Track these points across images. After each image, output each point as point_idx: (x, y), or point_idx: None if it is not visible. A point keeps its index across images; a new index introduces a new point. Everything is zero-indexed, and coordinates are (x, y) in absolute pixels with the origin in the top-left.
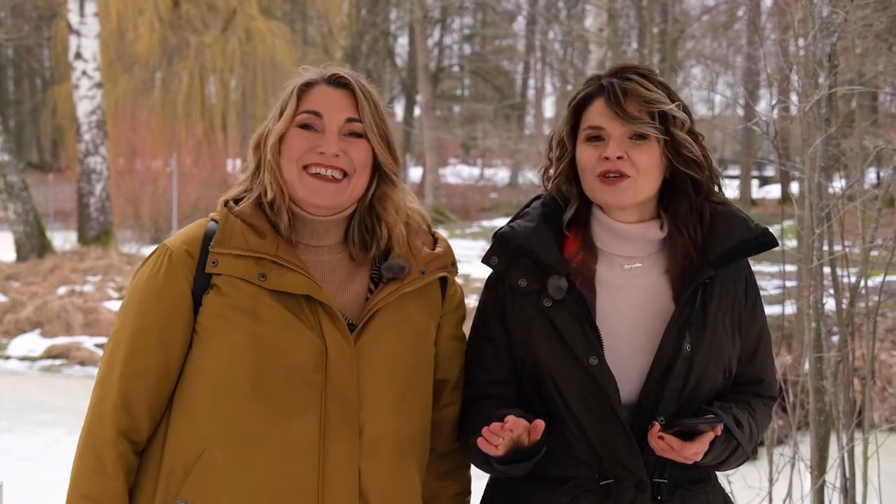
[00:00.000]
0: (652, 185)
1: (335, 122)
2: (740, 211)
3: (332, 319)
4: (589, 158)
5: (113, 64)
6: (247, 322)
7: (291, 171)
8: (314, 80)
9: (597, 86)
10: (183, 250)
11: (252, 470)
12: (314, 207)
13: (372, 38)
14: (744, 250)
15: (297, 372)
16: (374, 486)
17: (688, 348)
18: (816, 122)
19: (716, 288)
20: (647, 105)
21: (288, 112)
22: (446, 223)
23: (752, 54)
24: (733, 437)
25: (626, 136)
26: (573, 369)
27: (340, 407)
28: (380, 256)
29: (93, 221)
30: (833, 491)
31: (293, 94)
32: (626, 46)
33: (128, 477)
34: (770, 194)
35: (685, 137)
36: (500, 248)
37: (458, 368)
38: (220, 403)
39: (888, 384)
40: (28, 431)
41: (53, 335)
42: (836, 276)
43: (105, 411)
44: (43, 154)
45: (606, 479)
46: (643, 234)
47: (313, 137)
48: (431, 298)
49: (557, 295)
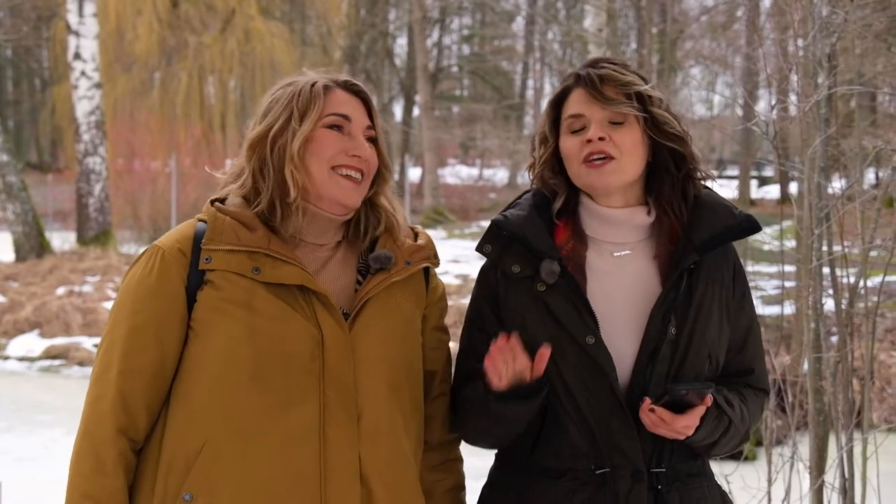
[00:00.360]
0: (636, 166)
1: (360, 126)
2: (724, 198)
3: (327, 308)
4: (573, 146)
5: (112, 64)
6: (243, 314)
7: (322, 170)
8: (330, 84)
9: (574, 78)
10: (175, 248)
11: (254, 460)
12: (339, 207)
13: (371, 39)
14: (728, 235)
15: (295, 361)
16: (374, 472)
17: (672, 331)
18: (816, 123)
19: (702, 273)
20: (624, 87)
21: (314, 113)
22: (445, 223)
23: (751, 55)
24: (724, 415)
25: (607, 120)
26: (570, 350)
27: (339, 393)
28: (366, 249)
29: (92, 222)
30: (832, 491)
31: (319, 95)
32: (624, 47)
33: (127, 475)
34: (769, 194)
35: (664, 113)
36: (493, 235)
37: (444, 360)
38: (219, 396)
39: (887, 384)
40: (27, 432)
41: (52, 335)
42: (835, 277)
43: (103, 410)
44: (42, 154)
45: (603, 468)
46: (630, 219)
47: (344, 139)
48: (417, 288)
49: (550, 279)
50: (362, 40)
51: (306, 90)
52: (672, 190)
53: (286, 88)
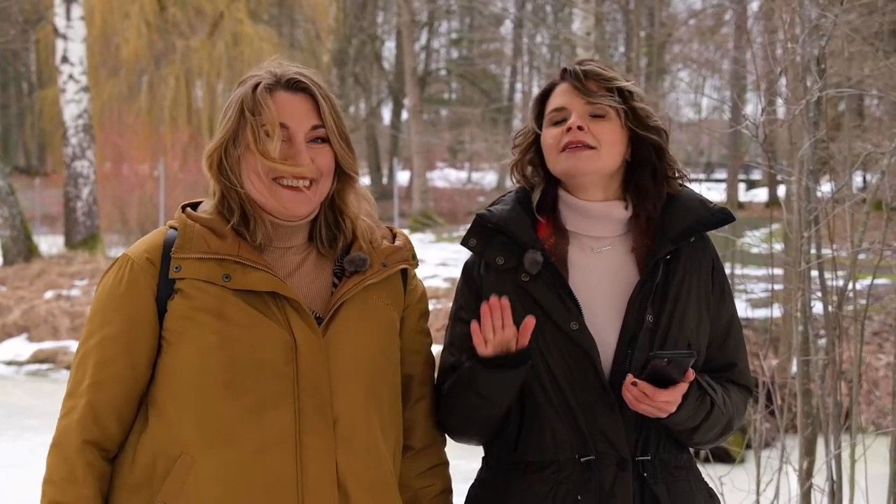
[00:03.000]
0: (614, 158)
1: (301, 130)
2: (699, 194)
3: (300, 313)
4: (553, 137)
5: (99, 68)
6: (214, 322)
7: (261, 183)
8: (273, 84)
9: (560, 73)
10: (144, 258)
11: (230, 467)
12: (287, 215)
13: (359, 42)
14: (701, 226)
15: (268, 367)
16: (352, 477)
17: (650, 319)
18: (805, 126)
19: (679, 264)
20: (606, 82)
21: (249, 126)
22: (434, 227)
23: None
24: (706, 396)
25: (588, 113)
26: (555, 337)
27: (313, 399)
28: (341, 252)
29: (80, 226)
30: (820, 494)
31: (258, 103)
32: (612, 50)
33: (100, 483)
34: (757, 198)
35: (644, 106)
36: (477, 229)
37: (423, 363)
38: (193, 404)
39: (875, 387)
40: (14, 437)
41: (40, 339)
42: (823, 280)
43: (71, 422)
44: (30, 158)
45: (587, 455)
46: (608, 212)
47: (283, 148)
48: (394, 290)
49: (533, 269)
50: (351, 44)
51: (248, 98)
52: (654, 183)
53: (237, 91)
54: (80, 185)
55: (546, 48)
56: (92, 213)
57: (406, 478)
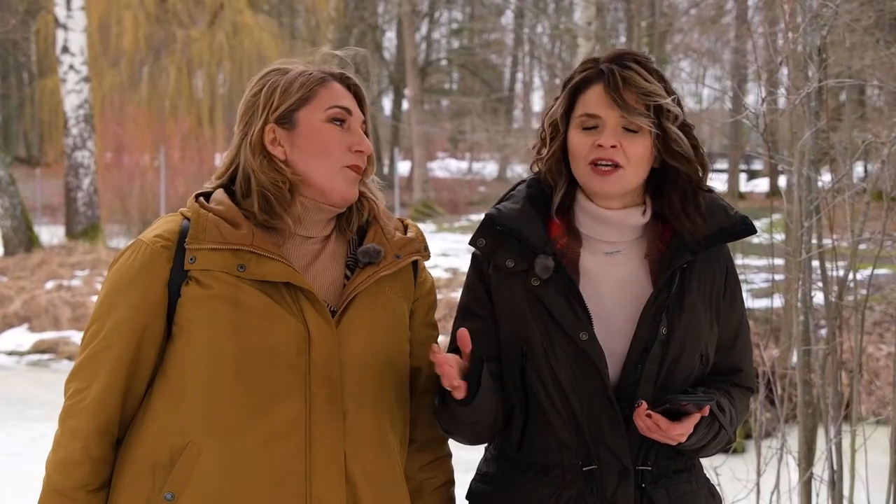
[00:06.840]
0: (640, 176)
1: (359, 120)
2: (723, 199)
3: (314, 304)
4: (582, 145)
5: (99, 58)
6: (228, 310)
7: (331, 166)
8: (326, 76)
9: (596, 71)
10: (158, 245)
11: (239, 458)
12: (343, 201)
13: (360, 32)
14: (721, 237)
15: (280, 357)
16: (359, 470)
17: (664, 332)
18: (806, 116)
19: (694, 273)
20: (645, 97)
21: (315, 103)
22: (434, 217)
23: (739, 48)
24: (717, 421)
25: (621, 126)
26: (563, 345)
27: (325, 390)
28: (354, 243)
29: (80, 216)
30: (820, 483)
31: (319, 86)
32: (613, 40)
33: (103, 468)
34: (758, 188)
35: (677, 133)
36: (486, 229)
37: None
38: (204, 392)
39: (875, 377)
40: (15, 427)
41: (41, 330)
42: (824, 270)
43: (76, 404)
44: (30, 148)
45: (590, 464)
46: (625, 219)
47: (347, 135)
48: (405, 282)
49: (544, 274)
50: (351, 34)
51: (305, 79)
52: (683, 200)
53: (279, 76)
54: (81, 175)
55: (547, 38)
56: (93, 203)
57: (409, 470)
